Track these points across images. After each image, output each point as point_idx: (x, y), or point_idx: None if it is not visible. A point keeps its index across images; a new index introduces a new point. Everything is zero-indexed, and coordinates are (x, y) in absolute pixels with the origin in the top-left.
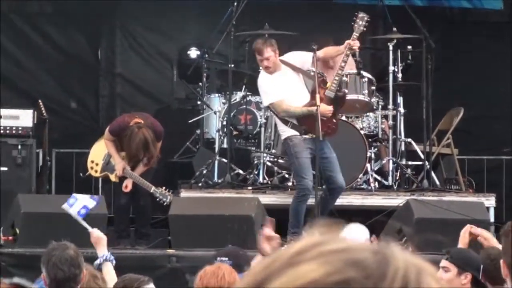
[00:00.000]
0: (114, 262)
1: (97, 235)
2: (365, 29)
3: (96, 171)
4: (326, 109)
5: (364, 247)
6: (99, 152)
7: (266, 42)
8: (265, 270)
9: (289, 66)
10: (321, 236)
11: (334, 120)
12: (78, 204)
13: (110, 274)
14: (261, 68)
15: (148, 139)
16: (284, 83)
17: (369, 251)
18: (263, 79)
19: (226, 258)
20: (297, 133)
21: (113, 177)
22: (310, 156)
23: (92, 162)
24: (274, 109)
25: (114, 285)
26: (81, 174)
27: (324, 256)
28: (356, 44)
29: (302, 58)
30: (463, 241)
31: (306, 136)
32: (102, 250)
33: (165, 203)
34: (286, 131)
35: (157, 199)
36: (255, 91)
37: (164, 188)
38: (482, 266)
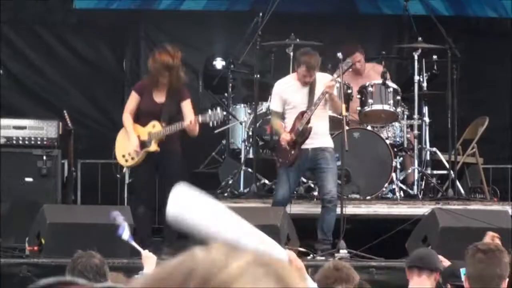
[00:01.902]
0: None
1: (146, 255)
2: (346, 70)
3: (133, 158)
4: (285, 138)
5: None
6: (122, 145)
7: (317, 60)
8: None
9: (318, 84)
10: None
11: (293, 152)
12: (125, 227)
13: None
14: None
15: (173, 63)
16: (297, 93)
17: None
18: (280, 85)
19: None
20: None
21: (153, 147)
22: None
23: (123, 156)
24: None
25: None
26: (118, 176)
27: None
28: (331, 88)
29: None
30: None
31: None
32: (148, 270)
33: (220, 121)
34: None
35: (211, 123)
36: None
37: (210, 110)
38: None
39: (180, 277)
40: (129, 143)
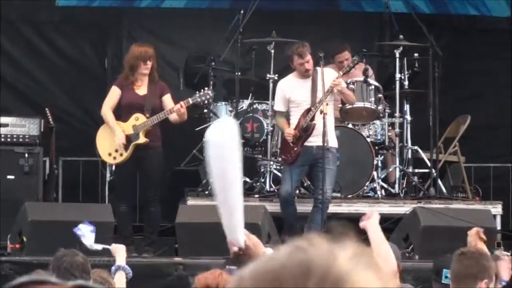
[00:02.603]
0: (130, 274)
1: (114, 247)
2: (351, 69)
3: (121, 154)
4: (289, 132)
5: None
6: (106, 142)
7: (306, 46)
8: None
9: (319, 79)
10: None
11: (296, 149)
12: (86, 232)
13: (120, 283)
14: (268, 76)
15: (148, 54)
16: (299, 90)
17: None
18: (282, 85)
19: (235, 267)
20: None
21: (142, 139)
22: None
23: (110, 154)
24: None
25: None
26: (105, 173)
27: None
28: (338, 85)
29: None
30: (475, 242)
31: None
32: (120, 260)
33: (210, 99)
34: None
35: (202, 103)
36: (261, 99)
37: (197, 91)
38: None
39: (297, 270)
40: (115, 139)
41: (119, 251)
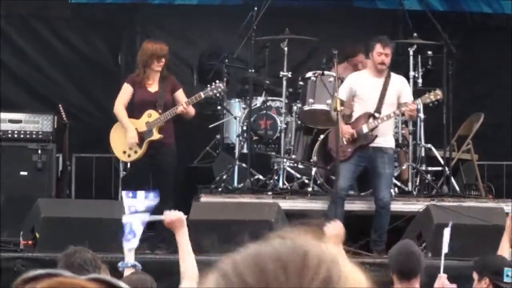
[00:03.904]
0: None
1: (171, 218)
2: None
3: (135, 152)
4: (347, 131)
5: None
6: (120, 140)
7: (391, 41)
8: None
9: (395, 84)
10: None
11: (349, 150)
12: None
13: None
14: (281, 74)
15: (161, 52)
16: (369, 87)
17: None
18: (353, 75)
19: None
20: None
21: (156, 135)
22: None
23: (124, 152)
24: None
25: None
26: (123, 173)
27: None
28: (412, 115)
29: (401, 91)
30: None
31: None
32: (182, 233)
33: (222, 92)
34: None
35: (214, 96)
36: (275, 96)
37: (208, 85)
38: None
39: (298, 257)
40: (128, 137)
41: (180, 223)
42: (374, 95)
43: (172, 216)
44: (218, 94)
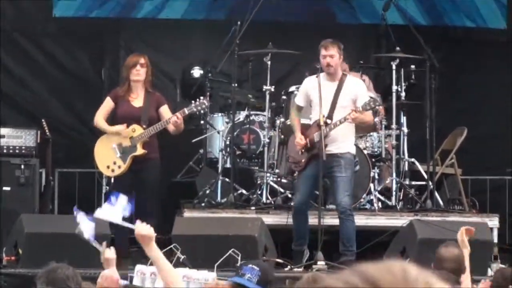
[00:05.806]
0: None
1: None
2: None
3: (119, 167)
4: (299, 142)
5: None
6: (103, 155)
7: (334, 42)
8: None
9: (349, 87)
10: None
11: (303, 160)
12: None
13: None
14: (264, 88)
15: (142, 61)
16: (322, 91)
17: None
18: (308, 79)
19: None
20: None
21: (140, 151)
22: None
23: (108, 167)
24: None
25: None
26: (106, 189)
27: None
28: (355, 120)
29: (357, 94)
30: (462, 244)
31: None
32: (151, 249)
33: (206, 108)
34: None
35: (198, 113)
36: (258, 111)
37: (193, 101)
38: (495, 283)
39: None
40: (117, 131)
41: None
42: (328, 99)
43: (142, 229)
44: (202, 111)
